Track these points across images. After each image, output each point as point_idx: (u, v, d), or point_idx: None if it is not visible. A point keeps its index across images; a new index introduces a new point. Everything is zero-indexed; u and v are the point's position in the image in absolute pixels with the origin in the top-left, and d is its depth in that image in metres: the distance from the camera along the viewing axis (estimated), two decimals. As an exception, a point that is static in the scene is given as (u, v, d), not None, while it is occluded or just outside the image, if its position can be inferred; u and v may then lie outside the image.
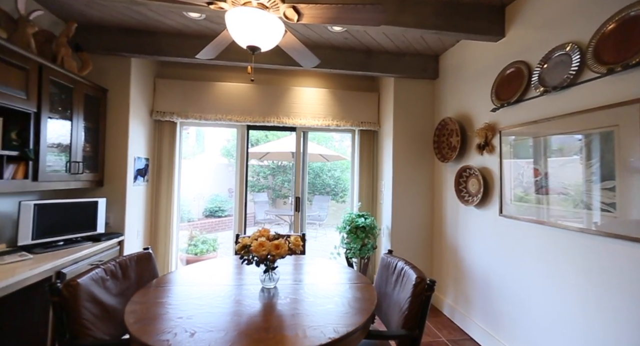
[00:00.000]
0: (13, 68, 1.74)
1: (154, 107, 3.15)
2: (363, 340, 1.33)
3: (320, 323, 1.14)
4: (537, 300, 1.83)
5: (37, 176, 1.92)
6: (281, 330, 1.08)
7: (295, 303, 1.32)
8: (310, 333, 1.06)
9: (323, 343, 1.00)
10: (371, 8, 1.31)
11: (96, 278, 1.34)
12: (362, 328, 1.16)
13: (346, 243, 3.00)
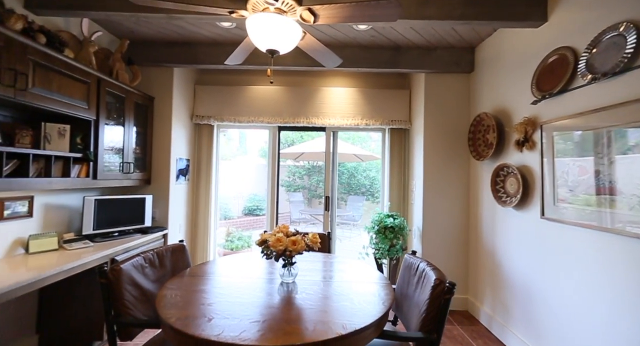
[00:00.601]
0: (77, 82, 2.03)
1: (194, 112, 3.42)
2: (377, 339, 1.33)
3: (331, 319, 1.15)
4: (588, 317, 1.63)
5: (96, 175, 2.21)
6: (292, 322, 1.12)
7: (311, 298, 1.35)
8: (319, 327, 1.08)
9: (329, 338, 1.01)
10: (385, 4, 1.29)
11: (137, 265, 1.51)
12: (373, 327, 1.15)
13: (374, 243, 2.96)
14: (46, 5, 1.99)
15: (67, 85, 1.94)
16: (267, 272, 1.68)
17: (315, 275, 1.68)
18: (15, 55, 1.62)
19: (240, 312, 1.18)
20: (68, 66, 1.94)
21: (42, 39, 1.80)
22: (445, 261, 2.93)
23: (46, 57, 1.79)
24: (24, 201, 1.99)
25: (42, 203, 2.12)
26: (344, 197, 8.93)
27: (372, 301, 1.33)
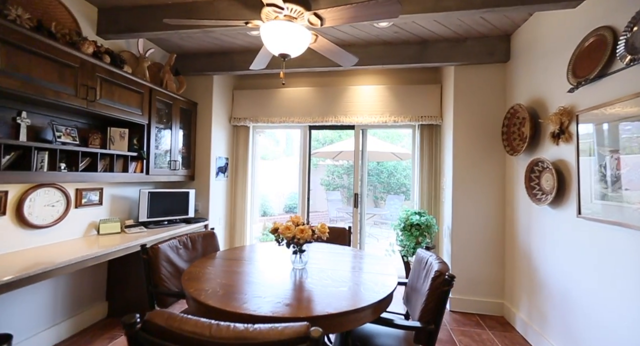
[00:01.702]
0: (134, 93, 2.42)
1: (232, 114, 3.74)
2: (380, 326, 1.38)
3: (326, 301, 1.24)
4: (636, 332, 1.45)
5: (148, 171, 2.59)
6: (290, 299, 1.24)
7: (315, 283, 1.45)
8: (312, 306, 1.18)
9: (317, 315, 1.10)
10: (383, 2, 1.34)
11: (172, 246, 1.77)
12: (363, 311, 1.20)
13: (400, 240, 2.93)
14: (111, 31, 2.41)
15: (125, 95, 2.33)
16: (282, 259, 1.82)
17: (325, 263, 1.77)
18: (87, 74, 2.01)
19: (249, 289, 1.34)
20: (127, 80, 2.32)
21: (107, 59, 2.19)
22: (478, 263, 2.78)
23: (110, 74, 2.18)
24: (96, 191, 2.44)
25: (109, 194, 2.56)
26: (383, 196, 8.79)
27: (370, 289, 1.38)
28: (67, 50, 1.87)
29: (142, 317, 0.81)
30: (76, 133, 2.13)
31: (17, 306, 1.93)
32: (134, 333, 0.79)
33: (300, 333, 0.77)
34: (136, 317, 0.80)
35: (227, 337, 0.75)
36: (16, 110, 1.82)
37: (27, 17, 1.74)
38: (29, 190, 1.96)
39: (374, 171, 8.81)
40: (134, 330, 0.79)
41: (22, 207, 1.92)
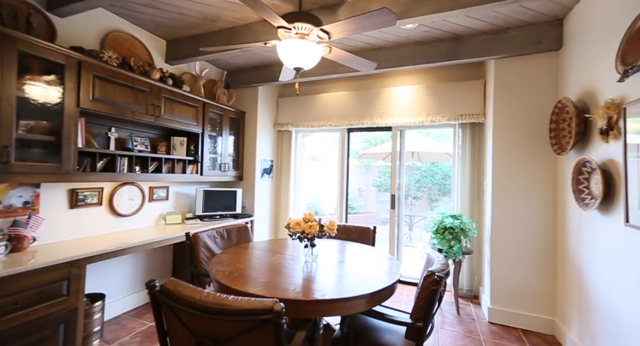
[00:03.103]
0: (190, 107, 2.91)
1: (276, 120, 4.10)
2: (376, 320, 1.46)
3: (324, 289, 1.37)
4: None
5: (202, 172, 3.07)
6: (291, 285, 1.40)
7: (321, 273, 1.59)
8: (309, 293, 1.32)
9: (309, 300, 1.25)
10: (377, 14, 1.41)
11: (210, 235, 2.12)
12: (352, 300, 1.29)
13: (432, 244, 2.84)
14: (175, 58, 2.94)
15: (184, 110, 2.83)
16: (300, 252, 2.00)
17: (338, 258, 1.89)
18: (154, 95, 2.52)
19: (259, 273, 1.56)
20: (184, 97, 2.82)
21: (170, 81, 2.70)
22: (523, 272, 2.52)
23: (172, 93, 2.68)
24: (163, 189, 3.01)
25: (173, 191, 3.12)
26: (438, 198, 8.29)
27: (368, 283, 1.45)
28: (140, 79, 2.39)
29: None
30: (148, 142, 2.68)
31: (108, 274, 2.53)
32: (153, 294, 1.07)
33: (266, 305, 0.94)
34: (155, 282, 1.08)
35: (211, 302, 0.96)
36: (107, 126, 2.41)
37: (115, 57, 2.29)
38: (116, 187, 2.56)
39: (428, 172, 8.38)
40: (154, 292, 1.07)
41: (112, 199, 2.52)
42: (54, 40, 2.08)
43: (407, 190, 8.97)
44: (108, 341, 2.21)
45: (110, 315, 2.52)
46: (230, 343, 0.99)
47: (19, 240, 1.86)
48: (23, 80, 1.79)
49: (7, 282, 1.55)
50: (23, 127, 1.82)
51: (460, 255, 2.68)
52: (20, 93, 1.76)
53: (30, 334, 1.64)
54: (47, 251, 1.89)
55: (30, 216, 1.98)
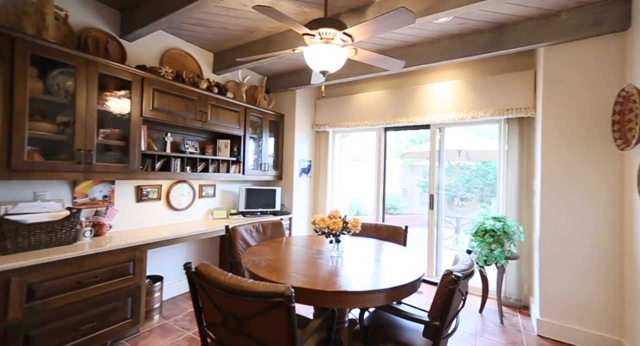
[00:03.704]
0: (233, 112, 3.19)
1: (314, 121, 4.24)
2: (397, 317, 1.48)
3: (342, 281, 1.43)
4: None
5: (244, 172, 3.34)
6: (313, 277, 1.49)
7: (343, 268, 1.65)
8: (328, 284, 1.40)
9: (325, 290, 1.33)
10: (395, 13, 1.43)
11: (247, 229, 2.32)
12: (371, 294, 1.34)
13: (470, 246, 2.68)
14: (221, 68, 3.25)
15: (227, 115, 3.12)
16: (327, 248, 2.09)
17: (361, 254, 1.93)
18: (202, 103, 2.84)
19: (285, 264, 1.68)
20: (228, 103, 3.10)
21: (215, 90, 3.00)
22: (581, 283, 2.25)
23: (217, 100, 2.98)
24: (211, 187, 3.34)
25: (220, 189, 3.45)
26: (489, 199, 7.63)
27: (385, 280, 1.47)
28: (190, 89, 2.72)
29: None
30: (197, 145, 3.02)
31: (166, 259, 2.92)
32: (189, 274, 1.25)
33: (278, 290, 1.05)
34: (191, 264, 1.26)
35: (232, 283, 1.10)
36: (164, 132, 2.78)
37: (170, 71, 2.63)
38: (172, 184, 2.94)
39: (479, 172, 7.77)
40: (189, 273, 1.25)
41: (169, 195, 2.90)
42: (124, 62, 2.48)
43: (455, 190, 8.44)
44: (165, 317, 2.56)
45: (167, 295, 2.90)
46: (250, 321, 1.12)
47: (100, 226, 2.27)
48: (102, 96, 2.19)
49: (92, 259, 1.91)
50: (102, 135, 2.22)
51: (503, 259, 2.49)
52: (100, 107, 2.15)
53: (107, 302, 2.00)
54: (119, 236, 2.28)
55: (108, 207, 2.39)
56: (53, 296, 1.74)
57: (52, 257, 1.73)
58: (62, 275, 1.78)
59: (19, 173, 1.74)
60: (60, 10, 2.03)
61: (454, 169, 8.01)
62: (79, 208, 2.15)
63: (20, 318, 1.61)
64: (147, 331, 2.32)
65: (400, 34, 2.68)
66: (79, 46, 2.21)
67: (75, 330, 1.83)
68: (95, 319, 1.93)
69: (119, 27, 2.51)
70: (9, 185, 1.94)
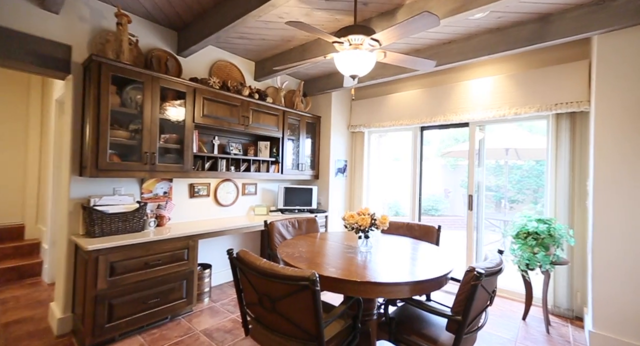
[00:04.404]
0: (272, 115, 3.44)
1: (350, 122, 4.33)
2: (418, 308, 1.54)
3: (367, 273, 1.53)
4: None
5: (282, 171, 3.57)
6: (341, 268, 1.60)
7: (371, 262, 1.73)
8: (355, 275, 1.50)
9: (352, 280, 1.43)
10: (419, 18, 1.48)
11: (284, 224, 2.51)
12: (394, 286, 1.41)
13: (512, 249, 2.56)
14: (261, 75, 3.52)
15: (267, 118, 3.37)
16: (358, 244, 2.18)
17: (390, 251, 1.98)
18: (244, 108, 3.12)
19: (316, 256, 1.82)
20: (268, 108, 3.36)
21: (256, 96, 3.27)
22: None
23: (257, 105, 3.24)
24: (253, 185, 3.64)
25: (261, 187, 3.73)
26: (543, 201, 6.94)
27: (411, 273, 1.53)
28: (234, 96, 3.01)
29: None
30: (240, 146, 3.31)
31: (213, 250, 3.26)
32: (231, 258, 1.46)
33: (305, 274, 1.19)
34: (232, 250, 1.47)
35: (266, 267, 1.27)
36: (212, 135, 3.12)
37: (217, 81, 2.95)
38: (219, 183, 3.27)
39: (532, 172, 7.11)
40: (231, 257, 1.46)
41: (216, 192, 3.24)
42: (180, 75, 2.85)
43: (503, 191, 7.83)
44: (214, 301, 2.88)
45: (215, 282, 3.24)
46: (281, 301, 1.28)
47: (161, 218, 2.65)
48: (162, 106, 2.55)
49: (156, 245, 2.26)
50: (163, 139, 2.58)
51: (548, 264, 2.34)
52: (161, 115, 2.51)
53: (167, 283, 2.34)
54: (176, 227, 2.63)
55: (167, 202, 2.77)
56: (127, 273, 2.10)
57: (127, 241, 2.10)
58: (134, 257, 2.14)
59: (103, 172, 2.14)
60: (132, 36, 2.43)
61: (503, 169, 7.46)
62: (145, 202, 2.54)
63: (106, 288, 1.99)
64: (198, 311, 2.65)
65: (434, 32, 2.66)
66: (146, 65, 2.61)
67: (143, 303, 2.19)
68: (159, 295, 2.28)
69: (176, 45, 2.88)
70: (95, 181, 2.38)
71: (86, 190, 2.32)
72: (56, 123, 3.15)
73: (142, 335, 2.21)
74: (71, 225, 2.25)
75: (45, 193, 3.55)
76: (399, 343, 1.54)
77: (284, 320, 1.30)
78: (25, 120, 3.91)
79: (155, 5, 2.42)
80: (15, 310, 2.56)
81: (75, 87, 2.25)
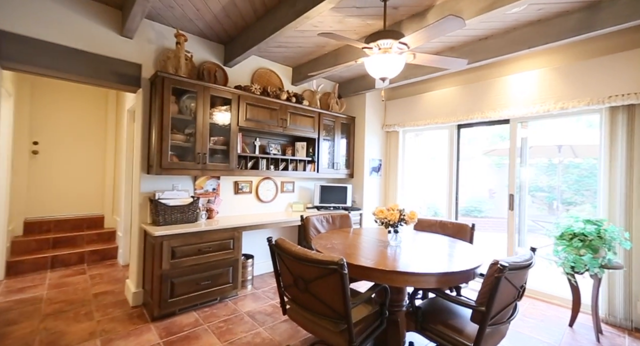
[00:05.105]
0: (308, 117, 3.64)
1: (384, 122, 4.38)
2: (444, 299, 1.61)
3: (395, 264, 1.63)
4: None
5: (318, 170, 3.76)
6: (369, 258, 1.73)
7: (400, 254, 1.82)
8: (382, 265, 1.63)
9: (379, 268, 1.55)
10: (444, 21, 1.54)
11: (318, 219, 2.69)
12: (418, 276, 1.50)
13: (555, 251, 2.43)
14: (298, 80, 3.75)
15: (303, 120, 3.58)
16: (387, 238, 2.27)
17: (420, 246, 2.05)
18: (283, 111, 3.36)
19: (347, 247, 1.96)
20: (304, 110, 3.57)
21: (293, 99, 3.50)
22: None
23: (294, 108, 3.47)
24: (290, 183, 3.88)
25: (298, 185, 3.96)
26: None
27: (438, 265, 1.60)
28: (273, 100, 3.26)
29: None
30: (279, 147, 3.57)
31: (255, 241, 3.56)
32: (270, 245, 1.66)
33: (333, 259, 1.34)
34: (271, 238, 1.67)
35: (299, 253, 1.45)
36: (254, 137, 3.41)
37: (258, 87, 3.23)
38: (260, 181, 3.56)
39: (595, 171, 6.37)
40: (271, 244, 1.66)
41: (258, 190, 3.54)
42: (226, 84, 3.18)
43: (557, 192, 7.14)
44: (256, 288, 3.16)
45: (257, 272, 3.53)
46: (313, 283, 1.44)
47: (210, 211, 2.99)
48: (212, 112, 2.89)
49: (207, 234, 2.59)
50: (212, 141, 2.92)
51: (596, 267, 2.20)
52: (210, 120, 2.85)
53: (216, 268, 2.65)
54: (223, 220, 2.95)
55: (216, 197, 3.12)
56: (185, 257, 2.44)
57: (185, 229, 2.44)
58: (190, 243, 2.48)
59: (165, 170, 2.52)
60: (188, 52, 2.79)
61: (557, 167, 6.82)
62: (198, 196, 2.90)
63: (168, 269, 2.35)
64: (242, 295, 2.94)
65: (469, 29, 2.64)
66: (199, 76, 2.97)
67: (197, 284, 2.52)
68: (210, 279, 2.60)
69: (223, 57, 3.22)
70: (159, 178, 2.78)
71: (152, 185, 2.73)
72: (128, 129, 3.70)
73: (196, 311, 2.54)
74: (141, 215, 2.67)
75: (119, 189, 4.17)
76: (425, 332, 1.62)
77: (316, 300, 1.47)
78: (104, 127, 4.62)
79: (207, 24, 2.76)
80: (100, 284, 3.09)
81: (144, 98, 2.67)
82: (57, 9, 2.28)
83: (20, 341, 2.06)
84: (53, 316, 2.41)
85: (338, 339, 1.48)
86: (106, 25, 2.49)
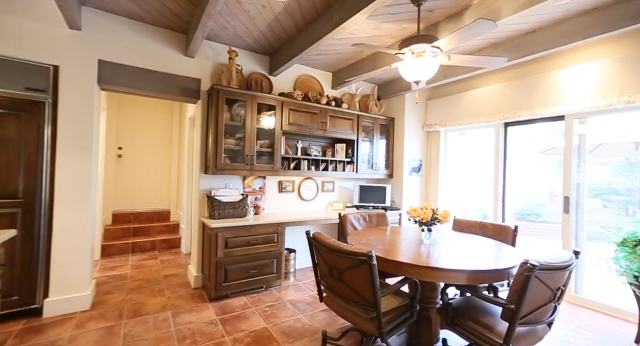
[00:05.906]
0: (347, 120, 3.79)
1: (425, 122, 4.33)
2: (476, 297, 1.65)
3: (426, 260, 1.71)
4: None
5: (357, 170, 3.88)
6: (401, 254, 1.82)
7: (433, 252, 1.88)
8: (413, 260, 1.72)
9: (409, 263, 1.64)
10: (474, 25, 1.58)
11: (355, 217, 2.82)
12: (447, 271, 1.56)
13: (615, 259, 2.23)
14: (337, 84, 3.92)
15: (342, 122, 3.74)
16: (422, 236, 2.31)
17: (455, 244, 2.06)
18: (323, 115, 3.56)
19: (382, 243, 2.07)
20: (343, 113, 3.72)
21: (333, 103, 3.68)
22: None
23: (334, 112, 3.65)
24: (331, 183, 4.06)
25: (338, 185, 4.13)
26: None
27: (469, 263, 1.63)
28: (314, 105, 3.48)
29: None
30: (320, 148, 3.77)
31: (297, 237, 3.81)
32: (309, 238, 1.85)
33: (363, 251, 1.48)
34: (309, 232, 1.86)
35: (333, 245, 1.61)
36: (296, 139, 3.66)
37: (300, 93, 3.47)
38: (302, 180, 3.81)
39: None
40: (309, 237, 1.85)
41: (300, 189, 3.79)
42: (271, 92, 3.48)
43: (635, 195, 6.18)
44: (297, 280, 3.40)
45: (299, 266, 3.78)
46: (345, 272, 1.60)
47: (257, 208, 3.31)
48: (258, 117, 3.20)
49: (255, 228, 2.89)
50: (259, 144, 3.23)
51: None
52: (257, 125, 3.16)
53: (263, 259, 2.94)
54: (268, 216, 3.24)
55: (262, 195, 3.43)
56: (236, 248, 2.77)
57: (236, 223, 2.77)
58: (240, 236, 2.80)
59: (220, 170, 2.88)
60: (238, 65, 3.14)
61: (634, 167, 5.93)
62: (247, 194, 3.23)
63: (222, 257, 2.70)
64: (285, 286, 3.20)
65: (512, 24, 2.54)
66: (247, 86, 3.31)
67: (246, 272, 2.83)
68: (257, 268, 2.90)
69: (268, 67, 3.53)
70: (214, 178, 3.17)
71: (208, 184, 3.13)
72: (189, 135, 4.24)
73: (245, 296, 2.86)
74: (200, 209, 3.08)
75: (182, 187, 4.78)
76: (455, 328, 1.66)
77: (348, 288, 1.62)
78: (169, 133, 5.32)
79: (255, 40, 3.08)
80: (169, 268, 3.63)
81: (202, 108, 3.08)
82: (137, 38, 2.78)
83: (115, 307, 2.60)
84: (136, 291, 2.95)
85: (369, 325, 1.61)
86: (173, 48, 2.94)
